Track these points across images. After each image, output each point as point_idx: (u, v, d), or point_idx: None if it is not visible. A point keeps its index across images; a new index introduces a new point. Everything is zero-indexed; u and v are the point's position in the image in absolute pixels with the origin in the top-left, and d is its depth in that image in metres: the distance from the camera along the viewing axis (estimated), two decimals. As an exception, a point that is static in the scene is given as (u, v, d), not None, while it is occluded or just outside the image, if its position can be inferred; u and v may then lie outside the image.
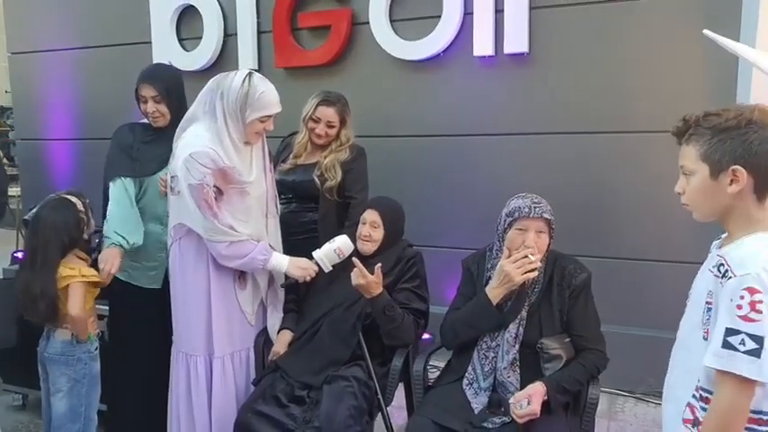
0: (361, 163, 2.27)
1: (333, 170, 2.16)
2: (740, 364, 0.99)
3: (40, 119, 3.92)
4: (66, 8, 3.75)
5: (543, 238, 1.68)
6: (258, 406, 1.73)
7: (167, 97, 2.01)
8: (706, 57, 2.48)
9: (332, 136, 2.22)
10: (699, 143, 1.10)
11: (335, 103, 2.22)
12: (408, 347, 1.89)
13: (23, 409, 2.67)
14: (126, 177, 2.03)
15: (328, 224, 2.16)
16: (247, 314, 1.93)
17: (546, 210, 1.69)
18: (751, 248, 1.06)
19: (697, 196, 1.14)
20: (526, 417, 1.52)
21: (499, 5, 2.72)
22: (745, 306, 1.00)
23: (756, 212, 1.09)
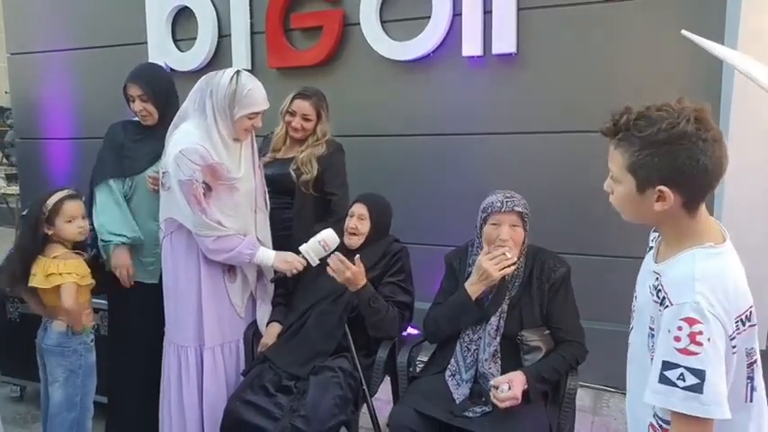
0: (339, 159, 2.30)
1: (309, 164, 2.19)
2: (678, 402, 0.92)
3: (39, 119, 3.97)
4: (64, 10, 3.80)
5: (518, 231, 1.73)
6: (247, 395, 1.77)
7: (153, 96, 2.05)
8: (692, 56, 2.53)
9: (309, 130, 2.25)
10: (627, 152, 1.01)
11: (311, 97, 2.26)
12: (393, 340, 1.93)
13: (21, 400, 2.71)
14: (113, 179, 2.06)
15: (304, 218, 2.19)
16: (237, 307, 1.97)
17: (518, 203, 1.74)
18: (685, 271, 0.98)
19: (623, 204, 1.07)
20: (508, 401, 1.55)
21: (487, 6, 2.77)
22: (684, 338, 0.92)
23: (688, 225, 1.03)
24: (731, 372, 0.96)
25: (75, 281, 1.86)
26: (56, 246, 1.91)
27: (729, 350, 0.95)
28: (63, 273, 1.85)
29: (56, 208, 1.87)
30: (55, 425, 1.97)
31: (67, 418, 1.96)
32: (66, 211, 1.89)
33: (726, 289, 0.97)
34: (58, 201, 1.88)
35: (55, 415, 1.97)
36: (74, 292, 1.86)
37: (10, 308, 2.60)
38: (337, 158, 2.29)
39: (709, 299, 0.94)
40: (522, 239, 1.74)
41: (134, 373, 2.14)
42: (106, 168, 2.09)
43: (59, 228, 1.88)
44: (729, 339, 0.95)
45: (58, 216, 1.87)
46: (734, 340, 0.96)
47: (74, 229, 1.90)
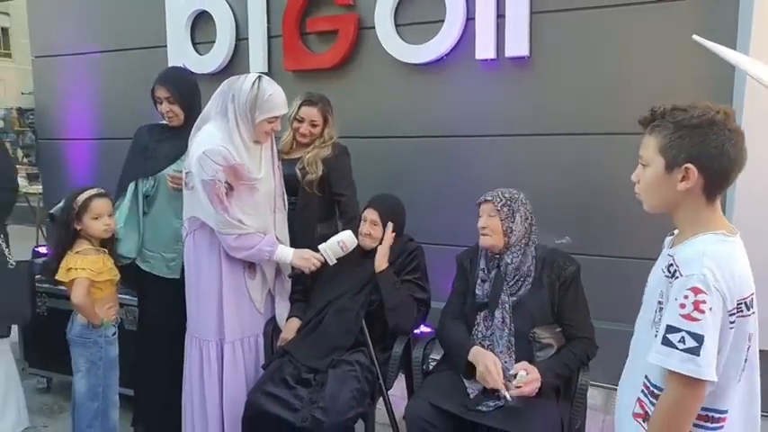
0: (345, 161, 2.37)
1: (314, 165, 2.26)
2: (676, 362, 1.01)
3: (61, 119, 4.08)
4: (86, 14, 3.91)
5: (494, 219, 1.80)
6: (267, 387, 1.84)
7: (180, 98, 2.13)
8: (704, 61, 2.55)
9: (315, 135, 2.32)
10: (660, 135, 1.12)
11: (317, 103, 2.32)
12: (409, 335, 1.99)
13: (48, 391, 2.81)
14: (140, 180, 2.16)
15: (306, 217, 2.25)
16: (256, 302, 2.04)
17: (493, 195, 1.83)
18: (697, 249, 1.07)
19: (649, 188, 1.16)
20: (531, 384, 1.60)
21: (500, 10, 2.81)
22: (689, 305, 1.01)
23: (705, 212, 1.11)
24: (726, 345, 1.05)
25: (87, 276, 1.93)
26: (83, 241, 2.00)
27: (727, 324, 1.04)
28: (78, 268, 1.94)
29: (84, 205, 1.96)
30: (80, 414, 2.06)
31: (91, 408, 2.04)
32: (93, 209, 1.97)
33: (732, 270, 1.05)
34: (87, 198, 1.97)
35: (80, 405, 2.06)
36: (84, 287, 1.94)
37: (38, 302, 2.70)
38: (343, 161, 2.35)
39: (715, 273, 1.03)
40: (499, 227, 1.80)
41: (158, 366, 2.22)
42: (132, 170, 2.19)
43: (86, 224, 1.97)
44: (729, 315, 1.04)
45: (85, 213, 1.96)
46: (732, 316, 1.05)
47: (100, 226, 1.99)
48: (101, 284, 2.00)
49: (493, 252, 1.85)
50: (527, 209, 1.83)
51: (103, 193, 2.04)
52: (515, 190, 1.85)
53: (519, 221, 1.80)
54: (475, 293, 1.87)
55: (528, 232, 1.82)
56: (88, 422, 2.06)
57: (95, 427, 2.06)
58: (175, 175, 2.11)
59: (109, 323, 2.04)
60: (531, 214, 1.84)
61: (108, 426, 2.10)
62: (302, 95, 2.37)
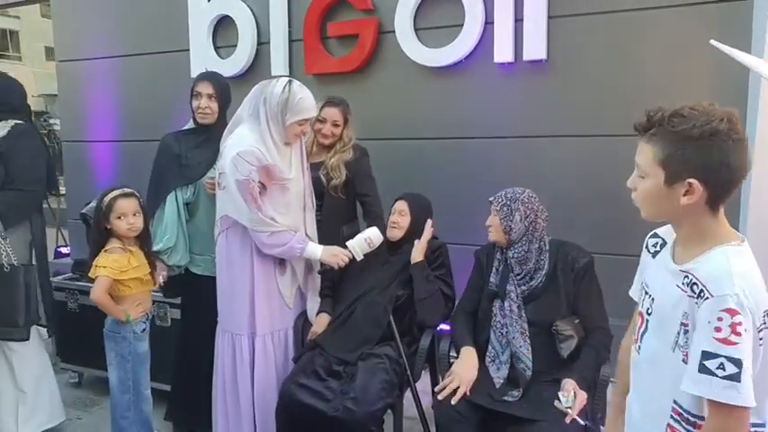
0: (366, 162, 2.45)
1: (338, 170, 2.33)
2: (718, 391, 0.96)
3: (85, 122, 4.18)
4: (110, 18, 4.00)
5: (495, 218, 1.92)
6: (300, 379, 1.91)
7: (220, 96, 2.24)
8: (720, 64, 2.60)
9: (337, 135, 2.40)
10: (659, 146, 1.05)
11: (339, 104, 2.41)
12: (435, 329, 2.06)
13: (79, 386, 2.90)
14: (178, 189, 2.23)
15: (332, 219, 2.32)
16: (286, 297, 2.11)
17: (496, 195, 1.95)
18: (721, 265, 1.02)
19: (649, 199, 1.11)
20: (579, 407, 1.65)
21: (519, 14, 2.87)
22: (725, 329, 0.96)
23: (712, 223, 1.06)
24: (757, 362, 1.01)
25: (107, 274, 1.99)
26: (114, 240, 2.07)
27: (757, 342, 1.00)
28: (99, 266, 2.01)
29: (110, 205, 2.03)
30: (114, 405, 2.15)
31: (122, 400, 2.13)
32: (117, 209, 2.03)
33: (754, 283, 1.02)
34: (112, 198, 2.04)
35: (113, 396, 2.15)
36: (102, 285, 2.01)
37: (70, 299, 2.79)
38: (364, 162, 2.43)
39: (746, 291, 0.99)
40: (499, 225, 1.91)
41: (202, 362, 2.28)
42: (168, 180, 2.25)
43: (113, 224, 2.04)
44: (757, 332, 1.00)
45: (111, 212, 2.03)
46: (761, 332, 1.01)
47: (123, 225, 2.04)
48: (128, 282, 2.06)
49: (501, 246, 1.95)
50: (529, 207, 1.89)
51: (129, 192, 2.08)
52: (521, 189, 1.93)
53: (518, 220, 1.88)
54: (490, 282, 1.96)
55: (530, 229, 1.89)
56: (121, 413, 2.14)
57: (128, 419, 2.14)
58: (211, 181, 2.18)
59: (136, 321, 2.08)
60: (536, 212, 1.90)
61: (140, 418, 2.18)
62: (323, 97, 2.44)
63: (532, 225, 1.89)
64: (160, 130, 2.49)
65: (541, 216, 1.91)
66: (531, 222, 1.89)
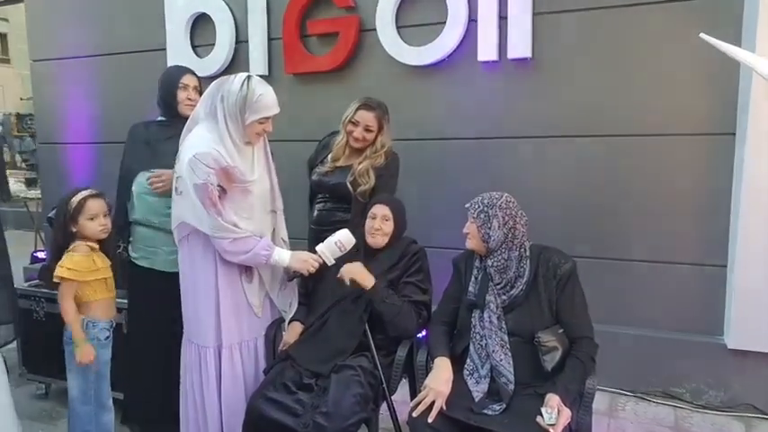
0: (393, 169, 2.32)
1: (366, 176, 2.21)
2: None
3: (61, 123, 4.06)
4: (85, 17, 3.89)
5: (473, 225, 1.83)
6: (268, 392, 1.80)
7: (201, 91, 2.20)
8: (708, 60, 2.54)
9: (369, 140, 2.26)
10: None
11: (375, 109, 2.27)
12: (412, 339, 1.96)
13: (46, 397, 2.78)
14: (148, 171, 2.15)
15: (359, 225, 2.17)
16: (254, 306, 1.99)
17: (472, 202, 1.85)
18: None
19: None
20: (563, 425, 1.57)
21: (503, 12, 2.80)
22: None
23: None
24: None
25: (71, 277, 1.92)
26: (79, 243, 1.97)
27: None
28: (64, 266, 1.93)
29: (79, 206, 1.95)
30: (73, 418, 2.05)
31: (82, 412, 2.03)
32: (88, 209, 1.96)
33: None
34: (82, 199, 1.96)
35: (72, 409, 2.04)
36: (70, 290, 1.94)
37: (36, 307, 2.67)
38: (391, 169, 2.31)
39: None
40: (475, 232, 1.82)
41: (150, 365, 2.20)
42: (137, 163, 2.19)
43: (82, 225, 1.95)
44: None
45: (81, 214, 1.94)
46: None
47: (96, 226, 1.98)
48: (93, 284, 1.98)
49: (479, 254, 1.86)
50: (508, 213, 1.79)
51: (97, 193, 2.02)
52: (498, 194, 1.83)
53: (496, 227, 1.78)
54: (468, 292, 1.87)
55: (509, 237, 1.79)
56: (82, 427, 2.03)
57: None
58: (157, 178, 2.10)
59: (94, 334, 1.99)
60: (515, 217, 1.80)
61: (102, 430, 2.07)
62: (360, 99, 2.31)
63: (511, 232, 1.79)
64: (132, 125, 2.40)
65: (521, 221, 1.81)
66: (510, 229, 1.79)
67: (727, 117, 2.58)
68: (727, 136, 2.59)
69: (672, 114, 2.67)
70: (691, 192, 2.68)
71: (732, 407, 2.63)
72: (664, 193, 2.72)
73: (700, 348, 2.70)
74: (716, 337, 2.70)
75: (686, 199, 2.69)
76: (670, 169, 2.70)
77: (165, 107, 2.26)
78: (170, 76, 2.25)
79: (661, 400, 2.72)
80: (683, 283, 2.74)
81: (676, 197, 2.70)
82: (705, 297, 2.71)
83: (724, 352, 2.65)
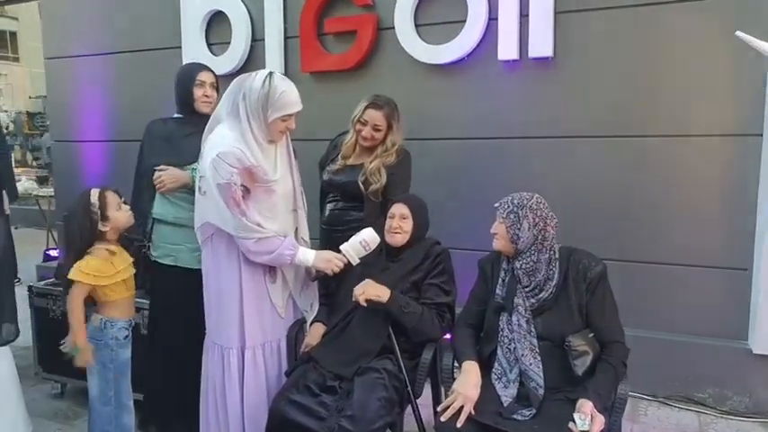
0: (406, 168, 2.29)
1: (377, 174, 2.19)
2: None
3: (75, 121, 4.06)
4: (100, 15, 3.89)
5: (502, 225, 1.78)
6: (291, 395, 1.77)
7: (218, 88, 2.20)
8: (734, 60, 2.50)
9: (378, 139, 2.24)
10: None
11: (383, 107, 2.24)
12: (437, 342, 1.93)
13: (62, 396, 2.76)
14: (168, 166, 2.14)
15: (373, 224, 2.13)
16: (278, 307, 1.97)
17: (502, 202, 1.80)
18: None
19: None
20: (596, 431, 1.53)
21: (524, 10, 2.77)
22: None
23: None
24: None
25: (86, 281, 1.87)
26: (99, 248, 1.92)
27: None
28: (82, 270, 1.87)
29: (103, 201, 1.91)
30: (93, 418, 2.02)
31: (103, 412, 2.00)
32: (112, 201, 1.93)
33: None
34: (101, 193, 1.92)
35: (92, 408, 2.02)
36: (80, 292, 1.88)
37: (53, 306, 2.65)
38: (404, 167, 2.28)
39: None
40: (504, 232, 1.77)
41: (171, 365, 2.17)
42: (157, 159, 2.17)
43: (114, 218, 1.92)
44: None
45: (108, 208, 1.91)
46: None
47: (125, 213, 1.96)
48: (112, 287, 1.94)
49: (507, 256, 1.82)
50: (538, 214, 1.75)
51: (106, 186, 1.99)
52: (529, 194, 1.79)
53: (526, 228, 1.74)
54: (495, 294, 1.83)
55: (539, 238, 1.75)
56: (102, 426, 2.01)
57: (109, 432, 2.01)
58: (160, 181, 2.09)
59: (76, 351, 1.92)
60: (546, 219, 1.76)
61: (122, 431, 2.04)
62: (369, 97, 2.28)
63: (541, 233, 1.75)
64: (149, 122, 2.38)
65: (551, 223, 1.77)
66: (540, 231, 1.75)
67: (754, 118, 2.53)
68: (754, 137, 2.54)
69: (697, 115, 2.62)
70: (716, 193, 2.64)
71: (757, 413, 2.58)
72: (688, 194, 2.68)
73: (723, 353, 2.66)
74: (740, 341, 2.65)
75: (711, 201, 2.64)
76: (694, 171, 2.65)
77: (181, 104, 2.25)
78: (186, 74, 2.23)
79: (684, 406, 2.67)
80: (706, 286, 2.69)
81: (701, 199, 2.66)
82: (729, 301, 2.66)
83: (749, 356, 2.60)
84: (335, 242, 2.08)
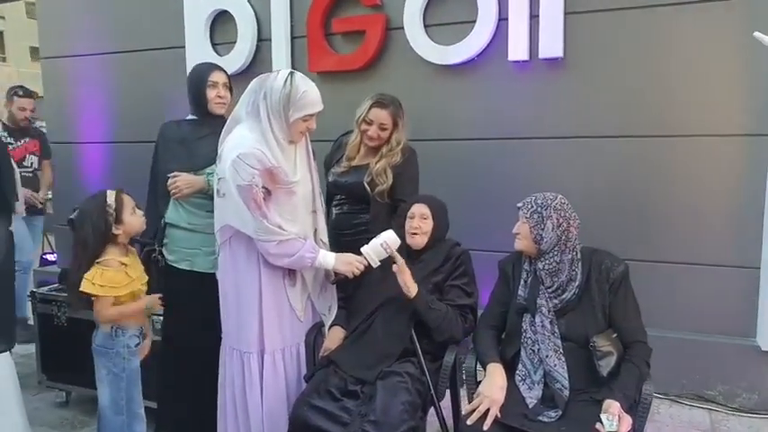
0: (412, 166, 2.27)
1: (384, 175, 2.16)
2: None
3: (73, 122, 3.98)
4: (99, 13, 3.82)
5: (525, 225, 1.78)
6: (313, 400, 1.75)
7: (231, 88, 2.17)
8: (742, 60, 2.52)
9: (383, 139, 2.22)
10: None
11: (389, 106, 2.22)
12: (458, 343, 1.91)
13: (66, 405, 2.71)
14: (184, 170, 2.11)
15: (380, 226, 2.13)
16: (297, 310, 1.95)
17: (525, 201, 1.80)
18: None
19: None
20: None
21: (534, 10, 2.77)
22: None
23: None
24: None
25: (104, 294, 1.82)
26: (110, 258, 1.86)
27: None
28: (97, 283, 1.82)
29: (119, 203, 1.86)
30: (104, 427, 1.96)
31: (115, 422, 1.94)
32: (128, 204, 1.88)
33: None
34: (117, 195, 1.87)
35: (102, 417, 1.96)
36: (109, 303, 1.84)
37: (57, 312, 2.59)
38: (411, 166, 2.25)
39: None
40: (528, 233, 1.77)
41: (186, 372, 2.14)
42: (177, 160, 2.13)
43: (128, 222, 1.87)
44: None
45: (124, 211, 1.86)
46: None
47: (139, 219, 1.92)
48: (122, 298, 1.88)
49: (529, 256, 1.81)
50: (562, 215, 1.75)
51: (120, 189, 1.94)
52: (552, 195, 1.79)
53: (550, 228, 1.74)
54: (518, 296, 1.83)
55: (562, 239, 1.75)
56: None
57: (120, 442, 1.96)
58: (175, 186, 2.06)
59: None
60: (569, 219, 1.76)
61: (133, 441, 2.00)
62: (373, 96, 2.26)
63: (565, 234, 1.75)
64: (154, 131, 2.33)
65: (574, 224, 1.77)
66: (564, 231, 1.75)
67: (763, 118, 2.55)
68: (762, 137, 2.56)
69: (706, 115, 2.64)
70: (723, 193, 2.66)
71: (766, 409, 2.60)
72: (695, 194, 2.69)
73: (733, 350, 2.68)
74: (749, 338, 2.67)
75: (719, 200, 2.66)
76: (702, 170, 2.67)
77: (195, 106, 2.21)
78: (198, 75, 2.19)
79: (695, 403, 2.68)
80: (715, 284, 2.70)
81: (709, 198, 2.67)
82: (738, 299, 2.68)
83: (758, 354, 2.62)
84: (344, 246, 2.06)
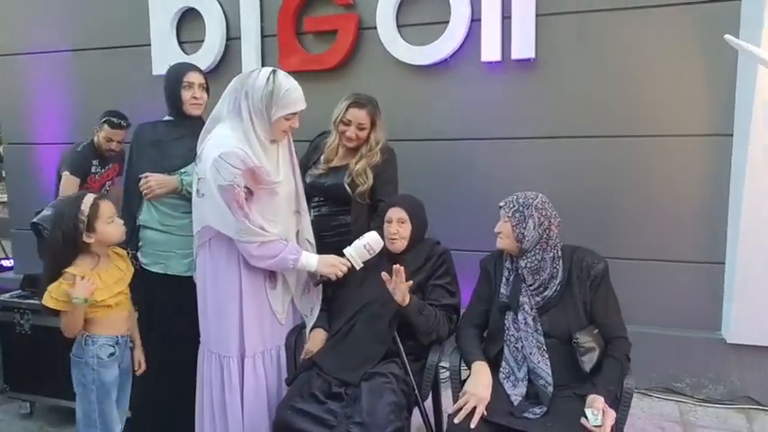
0: (392, 166, 2.26)
1: (364, 175, 2.15)
2: None
3: (30, 123, 3.80)
4: (58, 9, 3.65)
5: (507, 224, 1.80)
6: (296, 403, 1.71)
7: (208, 89, 2.12)
8: (708, 63, 2.61)
9: (362, 139, 2.20)
10: None
11: (366, 105, 2.21)
12: (443, 343, 1.91)
13: (31, 416, 2.59)
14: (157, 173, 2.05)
15: (361, 227, 2.13)
16: (278, 313, 1.91)
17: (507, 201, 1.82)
18: None
19: None
20: (609, 426, 1.54)
21: (506, 12, 2.80)
22: None
23: None
24: None
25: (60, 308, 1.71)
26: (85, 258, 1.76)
27: None
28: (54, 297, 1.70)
29: (94, 211, 1.73)
30: None
31: None
32: (105, 212, 1.76)
33: None
34: (94, 203, 1.75)
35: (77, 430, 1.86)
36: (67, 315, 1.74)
37: (20, 320, 2.46)
38: (390, 166, 2.24)
39: None
40: (510, 232, 1.78)
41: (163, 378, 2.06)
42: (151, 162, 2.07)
43: (102, 232, 1.75)
44: None
45: (98, 219, 1.74)
46: None
47: (117, 228, 1.80)
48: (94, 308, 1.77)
49: (511, 255, 1.83)
50: (543, 214, 1.78)
51: (101, 195, 1.85)
52: (534, 194, 1.81)
53: (531, 227, 1.76)
54: (500, 294, 1.84)
55: (544, 237, 1.78)
56: None
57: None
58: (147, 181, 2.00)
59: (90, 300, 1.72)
60: (550, 218, 1.79)
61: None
62: (349, 96, 2.23)
63: (546, 233, 1.77)
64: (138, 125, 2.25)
65: (555, 222, 1.80)
66: (546, 230, 1.77)
67: (725, 118, 2.65)
68: (725, 137, 2.67)
69: (672, 115, 2.72)
70: (689, 190, 2.75)
71: (732, 399, 2.71)
72: (662, 191, 2.78)
73: (699, 344, 2.77)
74: (714, 332, 2.77)
75: (684, 197, 2.75)
76: (669, 169, 2.76)
77: (170, 107, 2.15)
78: (173, 75, 2.13)
79: (664, 396, 2.77)
80: (681, 280, 2.80)
81: (674, 196, 2.76)
82: (703, 294, 2.78)
83: (723, 346, 2.72)
84: (323, 248, 2.03)
